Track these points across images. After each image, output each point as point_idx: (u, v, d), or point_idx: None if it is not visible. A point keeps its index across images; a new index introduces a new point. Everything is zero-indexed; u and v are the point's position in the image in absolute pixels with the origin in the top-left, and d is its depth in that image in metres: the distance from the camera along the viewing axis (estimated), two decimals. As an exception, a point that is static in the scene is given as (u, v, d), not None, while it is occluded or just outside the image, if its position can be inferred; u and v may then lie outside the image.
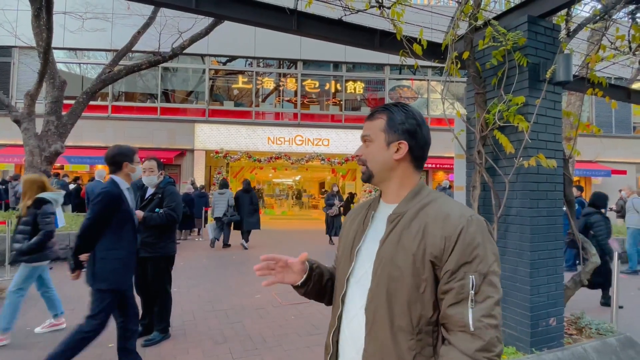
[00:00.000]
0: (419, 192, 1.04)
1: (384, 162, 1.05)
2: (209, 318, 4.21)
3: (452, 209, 0.95)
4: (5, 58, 13.67)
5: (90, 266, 2.76)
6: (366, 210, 1.12)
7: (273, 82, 15.13)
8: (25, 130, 7.96)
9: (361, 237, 1.07)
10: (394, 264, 0.94)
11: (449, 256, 0.90)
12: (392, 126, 1.04)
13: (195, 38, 8.47)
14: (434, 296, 0.92)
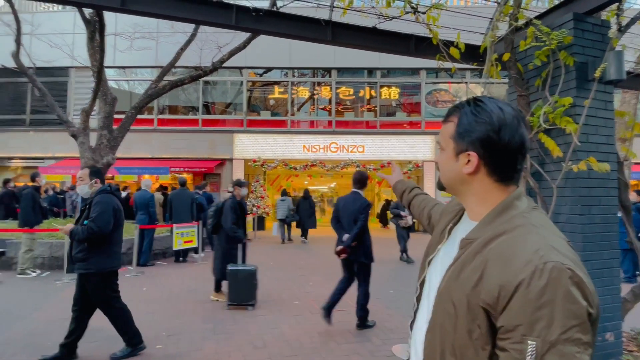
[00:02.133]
0: (502, 214, 0.83)
1: (455, 176, 0.90)
2: (249, 323, 4.31)
3: (522, 249, 0.75)
4: (63, 78, 14.95)
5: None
6: (451, 219, 1.00)
7: (308, 91, 15.39)
8: (81, 144, 8.64)
9: (436, 247, 0.99)
10: (450, 299, 0.82)
11: (504, 310, 0.72)
12: (460, 133, 0.88)
13: (234, 52, 8.82)
14: (489, 347, 0.76)
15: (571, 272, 0.71)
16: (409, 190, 1.64)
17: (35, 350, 3.46)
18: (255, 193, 14.41)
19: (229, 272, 4.78)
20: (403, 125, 15.01)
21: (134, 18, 12.57)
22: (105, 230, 3.28)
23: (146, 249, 7.59)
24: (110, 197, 3.45)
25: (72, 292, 5.51)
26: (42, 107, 14.19)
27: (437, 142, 0.96)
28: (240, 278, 4.78)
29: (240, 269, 4.83)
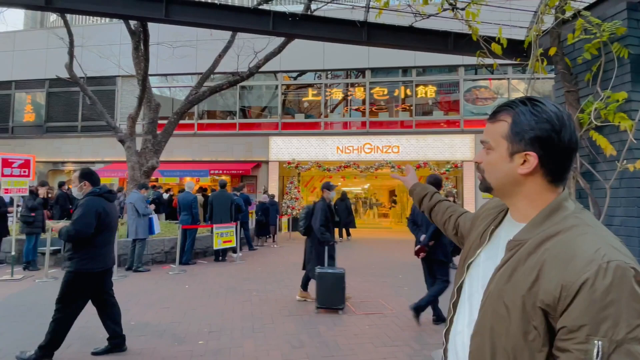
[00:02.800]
0: (551, 215, 0.83)
1: (506, 176, 0.88)
2: (286, 322, 4.40)
3: (582, 248, 0.74)
4: (111, 86, 15.98)
5: None
6: (490, 221, 0.99)
7: (341, 92, 15.42)
8: (128, 148, 9.20)
9: (476, 251, 0.97)
10: (502, 301, 0.81)
11: (566, 309, 0.71)
12: (517, 133, 0.86)
13: (269, 57, 9.04)
14: (546, 349, 0.75)
15: (634, 271, 0.71)
16: (430, 195, 1.54)
17: (88, 342, 3.73)
18: (290, 194, 14.62)
19: (318, 274, 4.75)
20: (440, 124, 14.64)
21: (175, 27, 13.21)
22: (83, 234, 3.25)
23: (188, 248, 7.94)
24: (96, 199, 3.40)
25: (122, 288, 5.90)
26: (93, 115, 15.26)
27: (484, 142, 0.92)
28: (330, 281, 4.74)
29: (329, 271, 4.79)
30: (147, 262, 7.59)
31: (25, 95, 16.88)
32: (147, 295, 5.53)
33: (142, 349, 3.60)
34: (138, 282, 6.31)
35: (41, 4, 3.01)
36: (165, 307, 4.96)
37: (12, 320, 4.36)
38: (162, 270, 7.33)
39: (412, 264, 8.25)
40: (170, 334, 3.99)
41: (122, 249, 7.26)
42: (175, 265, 7.31)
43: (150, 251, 7.76)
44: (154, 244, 7.88)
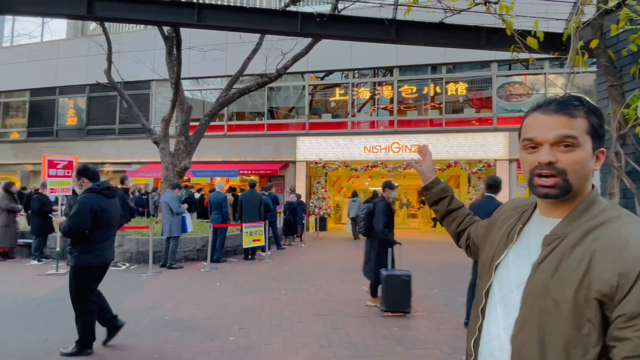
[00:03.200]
0: (589, 208, 0.85)
1: (587, 175, 0.86)
2: (314, 322, 4.42)
3: (634, 236, 0.75)
4: (146, 90, 16.66)
5: None
6: (516, 220, 0.99)
7: (368, 91, 15.32)
8: (162, 150, 9.56)
9: (503, 251, 0.96)
10: (549, 296, 0.80)
11: (625, 297, 0.72)
12: (596, 129, 0.86)
13: (297, 57, 9.12)
14: (601, 341, 0.75)
15: None
16: (450, 198, 1.39)
17: (126, 334, 3.91)
18: (317, 194, 14.68)
19: (384, 277, 4.65)
20: (471, 122, 14.21)
21: (206, 32, 13.58)
22: (77, 229, 3.31)
23: (219, 246, 8.15)
24: (92, 196, 3.43)
25: (156, 284, 6.14)
26: (129, 118, 15.98)
27: (564, 137, 0.85)
28: (396, 284, 4.62)
29: (395, 274, 4.68)
30: (180, 260, 7.85)
31: (68, 100, 17.92)
32: (180, 291, 5.73)
33: (176, 344, 3.73)
34: (171, 279, 6.55)
35: (82, 14, 3.17)
36: (197, 303, 5.11)
37: (57, 313, 4.65)
38: (194, 267, 7.57)
39: (441, 265, 8.08)
40: (203, 330, 4.11)
41: (157, 246, 7.56)
42: (206, 262, 7.52)
43: (183, 249, 8.03)
44: (187, 241, 8.15)
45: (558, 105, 0.87)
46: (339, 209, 18.42)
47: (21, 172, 17.84)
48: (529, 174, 0.90)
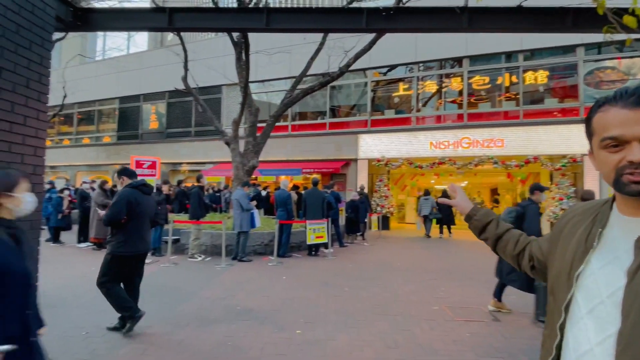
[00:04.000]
0: None
1: None
2: (379, 321, 4.39)
3: None
4: (217, 95, 17.83)
5: None
6: (590, 225, 0.92)
7: (435, 84, 14.71)
8: (233, 150, 10.17)
9: (583, 258, 0.89)
10: None
11: None
12: None
13: (360, 54, 9.09)
14: None
15: None
16: (497, 223, 1.30)
17: (203, 322, 4.25)
18: (379, 192, 14.50)
19: (539, 283, 4.34)
20: (553, 113, 12.94)
21: (271, 36, 14.15)
22: (115, 217, 3.72)
23: (285, 242, 8.47)
24: (130, 191, 3.86)
25: (229, 276, 6.57)
26: (203, 121, 17.25)
27: None
28: None
29: None
30: (250, 253, 8.31)
31: (150, 106, 19.90)
32: (250, 283, 6.07)
33: (247, 333, 3.96)
34: (242, 271, 6.96)
35: (164, 25, 3.49)
36: (265, 295, 5.37)
37: (142, 298, 5.20)
38: (262, 261, 7.96)
39: (518, 270, 7.49)
40: (271, 321, 4.32)
41: (229, 240, 8.08)
42: (273, 257, 7.86)
43: (252, 243, 8.48)
44: (255, 236, 8.59)
45: None
46: (402, 208, 17.99)
47: (112, 171, 20.21)
48: (614, 173, 0.84)
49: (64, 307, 4.70)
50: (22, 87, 2.73)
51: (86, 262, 7.20)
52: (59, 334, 3.79)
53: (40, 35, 2.89)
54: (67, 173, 21.18)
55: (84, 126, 22.17)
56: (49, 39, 3.02)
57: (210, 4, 9.26)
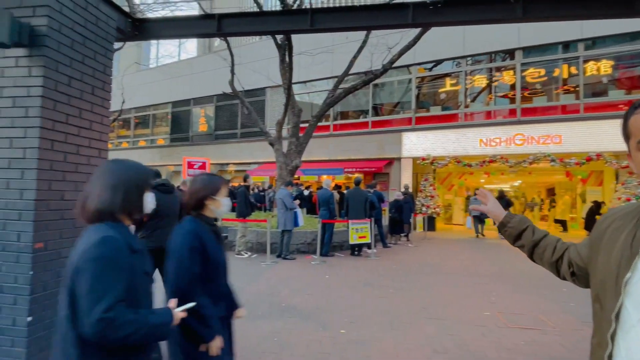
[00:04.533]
0: None
1: None
2: (426, 325, 4.27)
3: None
4: (261, 97, 18.30)
5: None
6: (634, 229, 0.89)
7: (485, 78, 14.02)
8: (276, 150, 10.38)
9: (629, 264, 0.86)
10: None
11: None
12: None
13: (404, 51, 8.90)
14: None
15: None
16: (532, 229, 1.28)
17: (249, 317, 4.37)
18: (424, 192, 14.09)
19: None
20: (618, 106, 11.81)
21: (314, 36, 14.25)
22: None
23: (327, 241, 8.51)
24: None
25: (273, 272, 6.72)
26: (248, 123, 17.81)
27: None
28: None
29: None
30: (293, 251, 8.44)
31: (199, 110, 20.89)
32: (294, 281, 6.16)
33: (291, 330, 4.03)
34: (286, 269, 7.09)
35: (213, 31, 3.63)
36: (309, 293, 5.43)
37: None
38: (305, 259, 8.05)
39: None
40: (315, 319, 4.35)
41: (273, 238, 8.27)
42: (316, 255, 7.93)
43: (295, 241, 8.61)
44: (299, 235, 8.71)
45: None
46: (449, 208, 17.35)
47: (166, 172, 21.47)
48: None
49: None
50: (88, 94, 2.97)
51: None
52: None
53: (103, 46, 3.13)
54: (126, 174, 22.79)
55: (140, 130, 23.78)
56: (111, 49, 3.26)
57: (255, 8, 9.52)
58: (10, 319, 2.47)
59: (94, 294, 1.20)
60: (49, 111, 2.61)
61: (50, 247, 2.64)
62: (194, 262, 1.78)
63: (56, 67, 2.66)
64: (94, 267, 1.23)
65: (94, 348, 1.22)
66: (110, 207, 1.34)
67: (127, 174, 1.42)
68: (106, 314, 1.19)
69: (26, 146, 2.54)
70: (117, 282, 1.24)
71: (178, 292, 1.72)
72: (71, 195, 2.82)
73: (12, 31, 2.46)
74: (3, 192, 2.55)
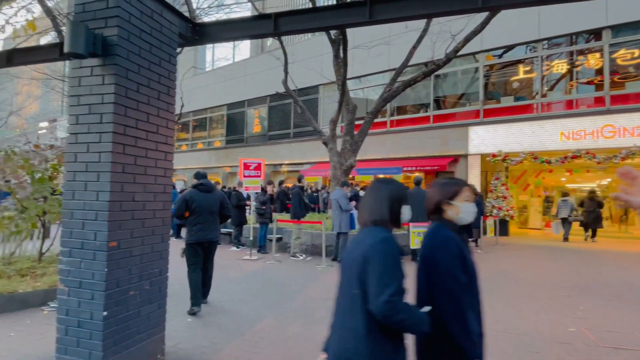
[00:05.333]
0: None
1: None
2: (501, 340, 4.02)
3: None
4: (315, 95, 18.55)
5: None
6: None
7: (565, 63, 12.90)
8: (330, 150, 10.44)
9: None
10: None
11: None
12: None
13: (470, 37, 8.49)
14: None
15: None
16: None
17: (309, 321, 4.44)
18: (495, 192, 13.30)
19: None
20: None
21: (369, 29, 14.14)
22: (175, 213, 4.81)
23: (385, 246, 8.37)
24: (190, 191, 5.00)
25: (329, 277, 6.78)
26: (301, 122, 18.15)
27: None
28: None
29: None
30: (349, 256, 8.43)
31: (253, 111, 21.73)
32: (351, 287, 6.15)
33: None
34: (343, 274, 7.10)
35: (270, 31, 3.75)
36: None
37: (252, 291, 5.69)
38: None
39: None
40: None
41: (328, 241, 8.34)
42: (374, 261, 7.83)
43: (352, 246, 8.58)
44: (355, 239, 8.67)
45: None
46: (524, 210, 16.20)
47: (222, 173, 22.62)
48: None
49: (186, 296, 5.42)
50: (154, 99, 3.23)
51: (202, 257, 8.18)
52: (183, 322, 4.38)
53: (167, 52, 3.38)
54: (185, 175, 24.40)
55: (198, 132, 25.33)
56: (174, 54, 3.51)
57: (308, 5, 9.67)
58: (88, 313, 2.76)
59: (383, 280, 1.54)
60: (120, 117, 2.87)
61: (122, 245, 2.90)
62: (458, 270, 1.71)
63: (126, 74, 2.92)
64: (383, 259, 1.57)
65: (376, 320, 1.56)
66: (381, 216, 1.73)
67: (390, 191, 1.79)
68: (392, 298, 1.51)
69: (101, 150, 2.82)
70: (399, 273, 1.58)
71: (450, 303, 1.67)
72: (141, 196, 3.09)
73: (88, 42, 2.75)
74: (82, 193, 2.86)
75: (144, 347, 3.13)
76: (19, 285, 4.83)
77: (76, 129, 2.92)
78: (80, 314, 2.78)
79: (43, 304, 4.75)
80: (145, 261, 3.13)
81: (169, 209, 3.43)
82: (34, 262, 5.71)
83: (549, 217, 15.14)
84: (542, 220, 15.43)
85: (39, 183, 5.58)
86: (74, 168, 2.90)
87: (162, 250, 3.35)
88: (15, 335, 3.91)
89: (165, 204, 3.36)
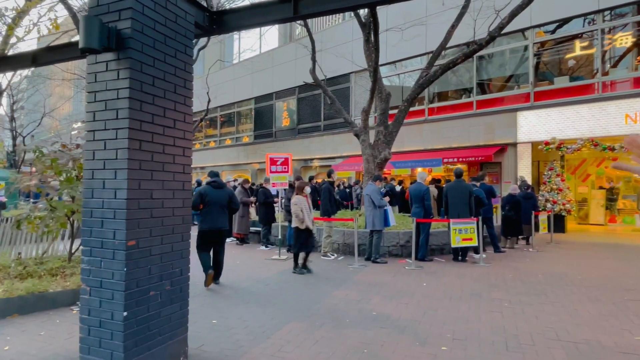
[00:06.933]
0: None
1: None
2: (555, 348, 3.81)
3: None
4: (345, 84, 18.41)
5: None
6: None
7: (630, 36, 12.00)
8: (362, 142, 10.33)
9: None
10: None
11: None
12: None
13: (517, 11, 8.07)
14: None
15: None
16: None
17: (338, 325, 4.41)
18: (550, 184, 12.66)
19: None
20: None
21: (403, 9, 13.82)
22: (193, 205, 5.70)
23: (423, 243, 8.19)
24: (204, 187, 6.29)
25: (363, 277, 6.71)
26: (332, 114, 18.09)
27: None
28: None
29: None
30: (384, 254, 8.32)
31: (282, 104, 21.90)
32: (385, 287, 6.06)
33: (384, 342, 3.95)
34: (376, 273, 7.02)
35: (290, 15, 3.72)
36: (404, 302, 5.28)
37: (280, 293, 5.73)
38: (398, 263, 7.87)
39: None
40: (411, 332, 4.20)
41: (361, 239, 8.26)
42: (411, 260, 7.69)
43: (386, 243, 8.47)
44: (390, 236, 8.55)
45: None
46: (584, 204, 15.31)
47: (251, 169, 23.03)
48: None
49: (211, 297, 5.56)
50: (170, 92, 3.29)
51: (231, 255, 8.34)
52: (207, 323, 4.48)
53: (183, 43, 3.43)
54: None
55: (226, 128, 25.91)
56: (191, 45, 3.57)
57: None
58: (109, 313, 2.87)
59: None
60: (136, 112, 2.95)
61: (141, 244, 2.99)
62: None
63: (140, 67, 3.00)
64: None
65: None
66: None
67: None
68: None
69: (118, 147, 2.92)
70: None
71: None
72: (159, 194, 3.17)
73: (102, 36, 2.84)
74: (100, 191, 2.97)
75: (166, 349, 3.22)
76: (50, 285, 5.14)
77: (93, 126, 3.03)
78: (102, 314, 2.90)
79: (72, 304, 5.03)
80: (165, 261, 3.22)
81: (188, 207, 3.50)
82: (64, 262, 6.05)
83: (614, 211, 14.22)
84: (606, 214, 14.51)
85: (66, 183, 5.89)
86: (92, 166, 3.02)
87: (183, 250, 3.43)
88: (45, 334, 4.16)
89: (185, 202, 3.43)
